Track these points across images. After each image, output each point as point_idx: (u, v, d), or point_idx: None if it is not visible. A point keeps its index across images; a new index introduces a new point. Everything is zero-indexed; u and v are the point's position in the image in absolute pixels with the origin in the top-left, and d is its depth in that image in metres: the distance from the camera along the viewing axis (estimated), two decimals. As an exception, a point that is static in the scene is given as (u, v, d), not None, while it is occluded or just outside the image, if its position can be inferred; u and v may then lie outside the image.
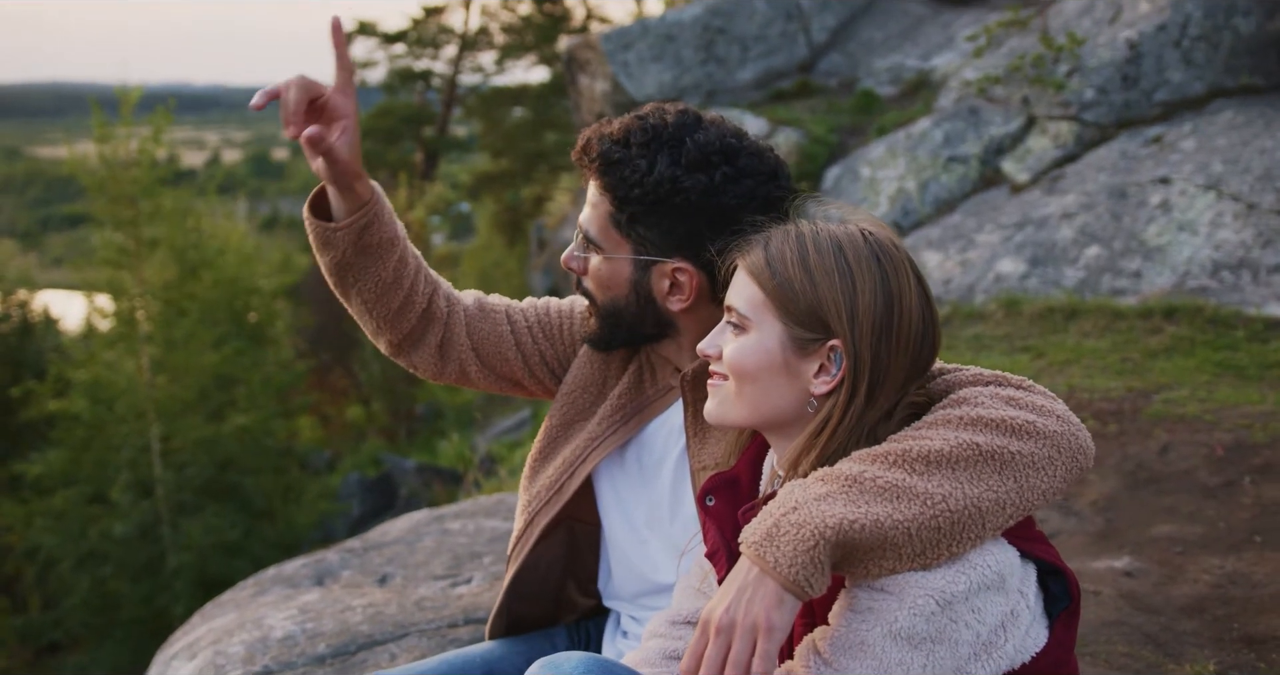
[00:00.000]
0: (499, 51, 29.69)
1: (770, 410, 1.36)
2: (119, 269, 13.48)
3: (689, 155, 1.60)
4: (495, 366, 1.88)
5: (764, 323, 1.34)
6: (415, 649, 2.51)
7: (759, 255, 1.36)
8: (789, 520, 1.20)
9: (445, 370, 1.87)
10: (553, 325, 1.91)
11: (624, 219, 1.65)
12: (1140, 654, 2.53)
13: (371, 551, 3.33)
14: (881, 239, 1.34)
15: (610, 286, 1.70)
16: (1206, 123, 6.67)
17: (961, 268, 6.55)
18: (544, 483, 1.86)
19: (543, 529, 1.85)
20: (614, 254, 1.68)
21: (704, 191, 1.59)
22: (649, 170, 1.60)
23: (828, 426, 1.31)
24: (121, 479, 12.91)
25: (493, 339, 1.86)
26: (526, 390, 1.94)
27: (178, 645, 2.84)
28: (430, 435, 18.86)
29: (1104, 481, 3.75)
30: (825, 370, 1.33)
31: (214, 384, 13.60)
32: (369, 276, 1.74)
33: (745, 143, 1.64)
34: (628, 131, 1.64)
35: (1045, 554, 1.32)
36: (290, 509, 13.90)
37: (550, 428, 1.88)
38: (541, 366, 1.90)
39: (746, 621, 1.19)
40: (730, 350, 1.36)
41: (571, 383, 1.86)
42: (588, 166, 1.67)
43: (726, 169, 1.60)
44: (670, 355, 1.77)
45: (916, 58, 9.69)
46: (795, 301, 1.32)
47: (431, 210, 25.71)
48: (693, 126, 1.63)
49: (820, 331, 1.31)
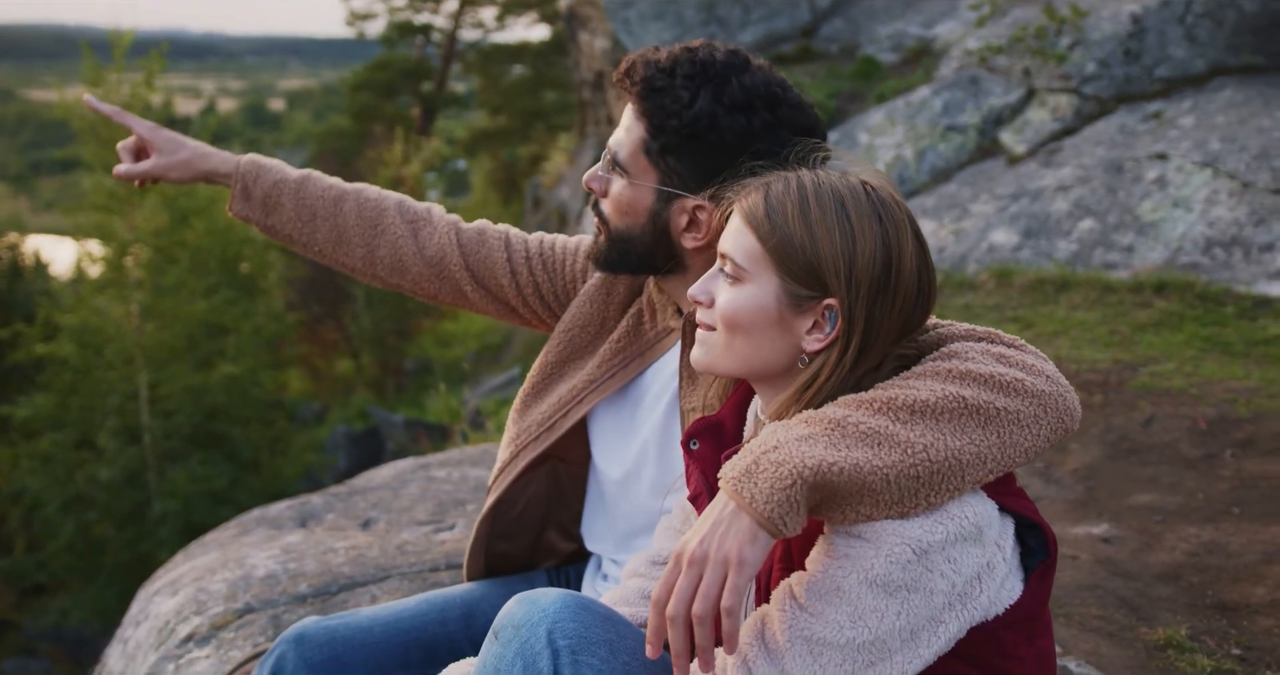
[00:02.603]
0: (500, 7, 29.42)
1: (760, 363, 1.35)
2: (110, 214, 13.39)
3: (732, 95, 1.58)
4: (491, 290, 1.92)
5: (760, 276, 1.32)
6: (397, 591, 2.53)
7: (759, 205, 1.33)
8: (769, 458, 1.20)
9: (441, 290, 1.93)
10: (555, 259, 1.92)
11: (656, 147, 1.63)
12: (1114, 617, 2.56)
13: (356, 496, 3.34)
14: (883, 195, 1.32)
15: (628, 213, 1.69)
16: (1206, 100, 6.66)
17: (955, 237, 6.55)
18: (535, 418, 1.87)
19: (527, 463, 1.86)
20: (639, 181, 1.66)
21: (741, 134, 1.58)
22: (690, 103, 1.59)
23: (816, 382, 1.31)
24: (109, 424, 12.91)
25: (488, 264, 1.91)
26: (521, 318, 1.97)
27: (160, 581, 2.86)
28: (419, 390, 18.89)
29: (1086, 450, 3.77)
30: (819, 327, 1.31)
31: (203, 332, 13.58)
32: (307, 233, 1.96)
33: (789, 94, 1.62)
34: (675, 61, 1.62)
35: (1023, 509, 1.33)
36: (277, 460, 13.94)
37: (546, 364, 1.88)
38: (536, 297, 1.92)
39: (719, 555, 1.19)
40: (724, 301, 1.35)
41: (570, 320, 1.86)
42: (629, 89, 1.65)
43: (767, 116, 1.58)
44: (674, 292, 1.77)
45: (919, 25, 9.62)
46: (794, 258, 1.30)
47: (427, 166, 25.57)
48: (741, 67, 1.61)
49: (817, 289, 1.30)
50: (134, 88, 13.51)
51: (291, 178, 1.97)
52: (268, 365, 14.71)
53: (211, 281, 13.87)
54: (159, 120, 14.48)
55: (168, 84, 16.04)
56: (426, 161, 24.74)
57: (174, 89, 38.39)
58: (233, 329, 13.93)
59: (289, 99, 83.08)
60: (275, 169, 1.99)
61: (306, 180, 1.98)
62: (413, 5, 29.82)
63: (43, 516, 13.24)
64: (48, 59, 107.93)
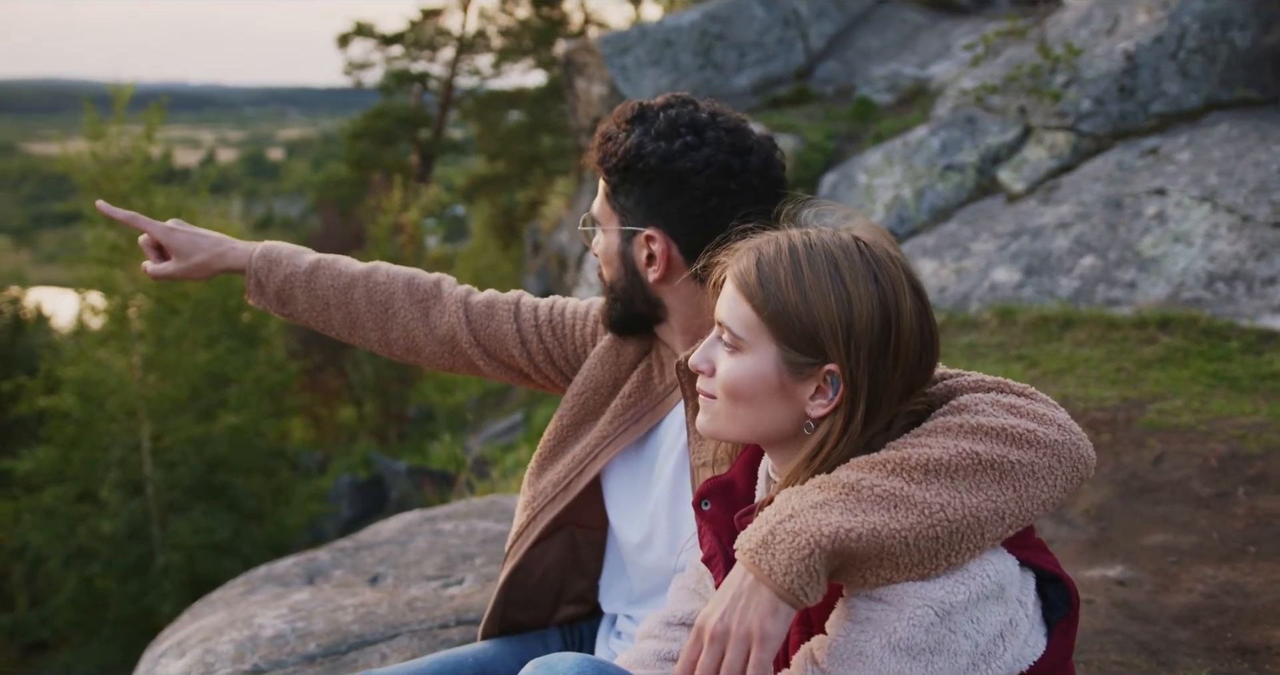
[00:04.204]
0: (496, 55, 29.71)
1: (765, 430, 1.34)
2: (111, 267, 13.43)
3: (657, 126, 1.68)
4: (503, 360, 1.95)
5: (758, 345, 1.30)
6: (406, 649, 2.50)
7: (750, 271, 1.31)
8: (785, 528, 1.19)
9: (455, 364, 1.98)
10: (565, 325, 1.94)
11: (610, 191, 1.74)
12: (1134, 662, 2.52)
13: (363, 551, 3.31)
14: (877, 251, 1.30)
15: (608, 261, 1.78)
16: (1202, 135, 6.69)
17: (956, 276, 6.55)
18: (551, 479, 1.86)
19: (544, 527, 1.85)
20: (607, 227, 1.76)
21: (662, 157, 1.65)
22: (624, 141, 1.69)
23: (824, 448, 1.29)
24: (111, 477, 12.86)
25: (498, 337, 1.93)
26: (536, 384, 2.00)
27: (166, 643, 2.82)
28: (422, 437, 18.83)
29: (1097, 490, 3.74)
30: (822, 393, 1.29)
31: (205, 383, 13.56)
32: (323, 321, 2.01)
33: (721, 120, 1.69)
34: (623, 114, 1.73)
35: (1044, 562, 1.31)
36: (280, 510, 13.86)
37: (560, 427, 1.89)
38: (548, 364, 1.94)
39: (740, 630, 1.17)
40: (723, 371, 1.33)
41: (582, 383, 1.87)
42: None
43: (690, 138, 1.66)
44: (669, 340, 1.80)
45: (914, 66, 9.70)
46: (790, 326, 1.28)
47: (426, 213, 25.70)
48: (674, 106, 1.71)
49: (816, 355, 1.28)
50: (134, 140, 13.62)
51: (302, 270, 1.99)
52: (270, 415, 14.67)
53: (213, 332, 13.88)
54: (159, 171, 14.60)
55: (167, 135, 16.16)
56: (425, 208, 24.86)
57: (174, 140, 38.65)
58: (235, 379, 13.91)
59: (288, 148, 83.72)
60: (286, 262, 2.00)
61: (316, 270, 1.99)
62: (409, 54, 30.11)
63: (45, 571, 13.15)
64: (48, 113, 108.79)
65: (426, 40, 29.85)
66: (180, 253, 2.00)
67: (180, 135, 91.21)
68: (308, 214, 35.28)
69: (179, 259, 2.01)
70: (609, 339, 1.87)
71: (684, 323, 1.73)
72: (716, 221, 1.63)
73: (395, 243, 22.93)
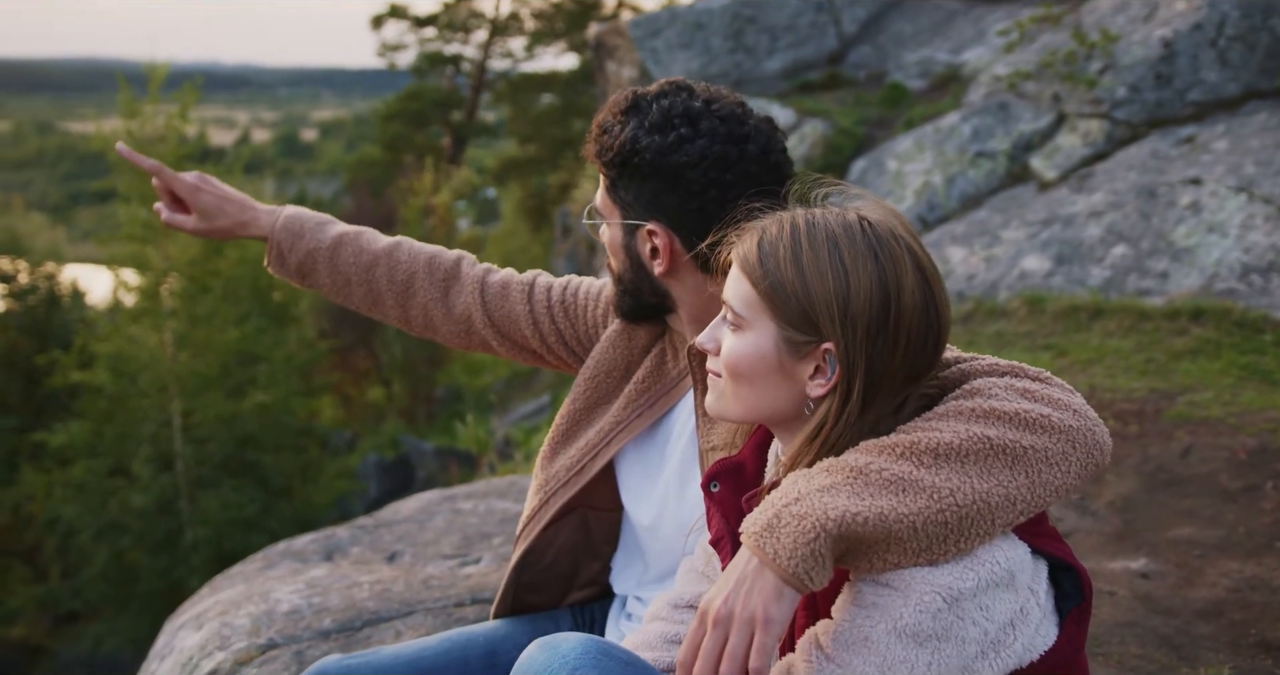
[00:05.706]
0: (529, 37, 29.71)
1: (767, 409, 1.33)
2: (144, 245, 13.57)
3: (650, 118, 1.64)
4: (515, 340, 1.96)
5: (758, 322, 1.29)
6: (421, 627, 2.51)
7: (752, 250, 1.30)
8: (790, 511, 1.17)
9: (470, 343, 1.99)
10: (577, 305, 1.93)
11: (610, 185, 1.71)
12: (1154, 656, 2.50)
13: (382, 529, 3.33)
14: (881, 230, 1.27)
15: (614, 253, 1.76)
16: (1240, 124, 6.58)
17: (986, 264, 6.49)
18: (564, 463, 1.86)
19: (557, 510, 1.84)
20: (610, 220, 1.74)
21: (657, 151, 1.62)
22: (619, 135, 1.66)
23: (824, 428, 1.27)
24: (142, 452, 13.03)
25: (511, 318, 1.94)
26: (549, 364, 1.99)
27: (185, 615, 2.85)
28: (449, 418, 18.93)
29: (1123, 482, 3.70)
30: (821, 372, 1.28)
31: (235, 361, 13.70)
32: (343, 295, 2.02)
33: (717, 107, 1.65)
34: (617, 104, 1.70)
35: (1057, 550, 1.29)
36: (308, 487, 14.00)
37: (573, 411, 1.88)
38: (560, 344, 1.94)
39: (744, 614, 1.16)
40: (726, 349, 1.32)
41: (594, 366, 1.86)
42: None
43: (684, 130, 1.62)
44: (680, 329, 1.79)
45: (947, 52, 9.60)
46: (787, 303, 1.26)
47: (457, 195, 25.76)
48: (668, 94, 1.67)
49: (813, 334, 1.26)
50: (169, 119, 13.73)
51: (325, 246, 1.99)
52: (299, 393, 14.80)
53: (244, 310, 14.01)
54: (194, 151, 14.70)
55: (202, 115, 16.29)
56: (457, 190, 24.92)
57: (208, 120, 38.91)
58: (265, 357, 14.04)
59: (321, 129, 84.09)
60: (310, 235, 2.00)
61: (340, 246, 1.99)
62: (443, 36, 30.15)
63: (77, 544, 13.34)
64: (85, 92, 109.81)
65: (460, 22, 29.88)
66: (205, 213, 2.00)
67: (215, 115, 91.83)
68: (340, 195, 35.45)
69: (202, 219, 2.00)
70: (621, 322, 1.86)
71: (692, 313, 1.72)
72: (717, 212, 1.59)
73: (426, 224, 23.02)
